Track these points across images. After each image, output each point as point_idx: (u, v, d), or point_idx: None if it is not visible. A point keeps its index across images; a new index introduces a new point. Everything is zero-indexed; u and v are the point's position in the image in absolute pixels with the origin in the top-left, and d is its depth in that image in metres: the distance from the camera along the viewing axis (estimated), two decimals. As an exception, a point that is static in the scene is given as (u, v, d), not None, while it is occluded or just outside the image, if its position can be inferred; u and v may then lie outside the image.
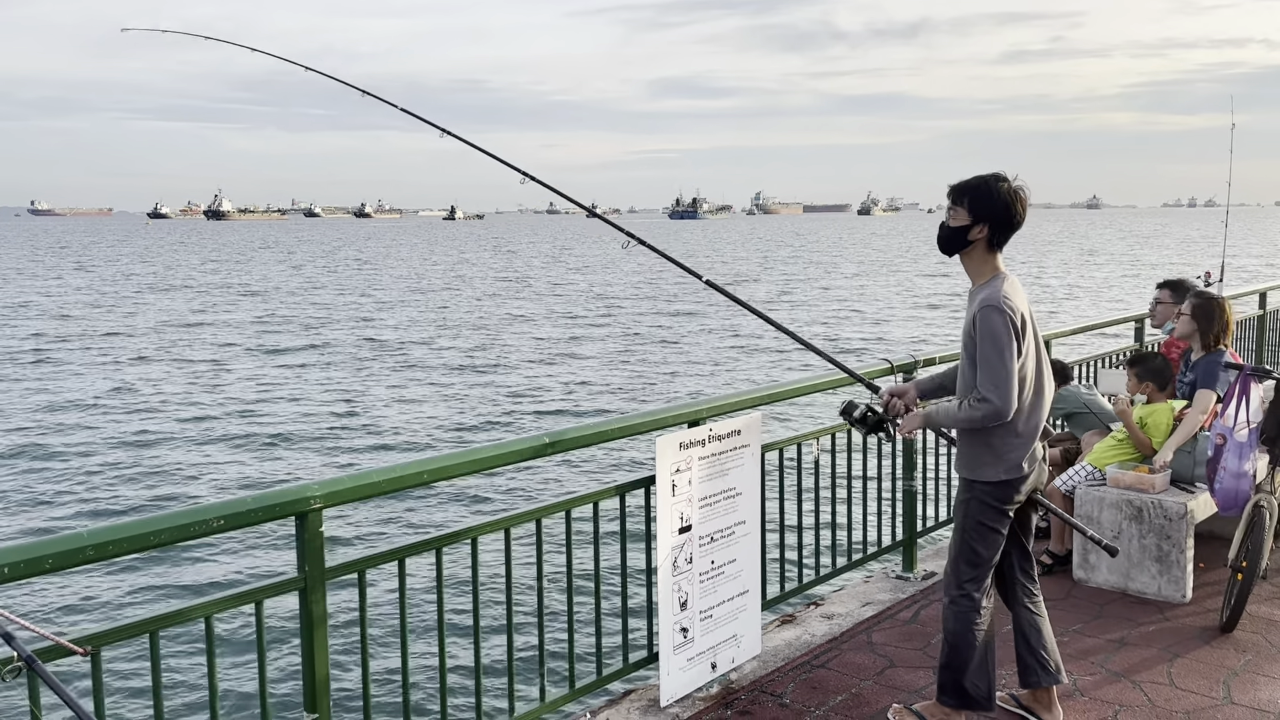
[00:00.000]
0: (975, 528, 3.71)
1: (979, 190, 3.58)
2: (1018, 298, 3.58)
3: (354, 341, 29.15)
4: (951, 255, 3.68)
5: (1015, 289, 3.61)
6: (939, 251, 3.73)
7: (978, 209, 3.57)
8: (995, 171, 3.63)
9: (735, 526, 4.33)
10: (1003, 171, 3.63)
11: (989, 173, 3.63)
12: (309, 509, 3.02)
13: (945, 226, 3.65)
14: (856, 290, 45.82)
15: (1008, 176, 3.60)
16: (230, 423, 18.28)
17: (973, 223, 3.58)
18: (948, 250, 3.68)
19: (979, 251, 3.62)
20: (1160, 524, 5.22)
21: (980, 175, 3.63)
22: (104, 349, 27.72)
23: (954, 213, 3.62)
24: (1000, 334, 3.48)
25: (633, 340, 29.15)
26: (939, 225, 3.68)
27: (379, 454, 15.93)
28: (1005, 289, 3.56)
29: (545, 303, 41.02)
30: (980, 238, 3.59)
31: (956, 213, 3.61)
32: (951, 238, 3.63)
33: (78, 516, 12.82)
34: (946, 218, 3.65)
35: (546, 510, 3.87)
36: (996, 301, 3.51)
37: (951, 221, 3.62)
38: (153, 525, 2.74)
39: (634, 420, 4.25)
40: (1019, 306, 3.55)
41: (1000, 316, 3.49)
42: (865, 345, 27.27)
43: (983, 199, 3.57)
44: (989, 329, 3.49)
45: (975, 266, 3.65)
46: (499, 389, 21.53)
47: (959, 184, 3.64)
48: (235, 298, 44.17)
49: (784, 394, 5.11)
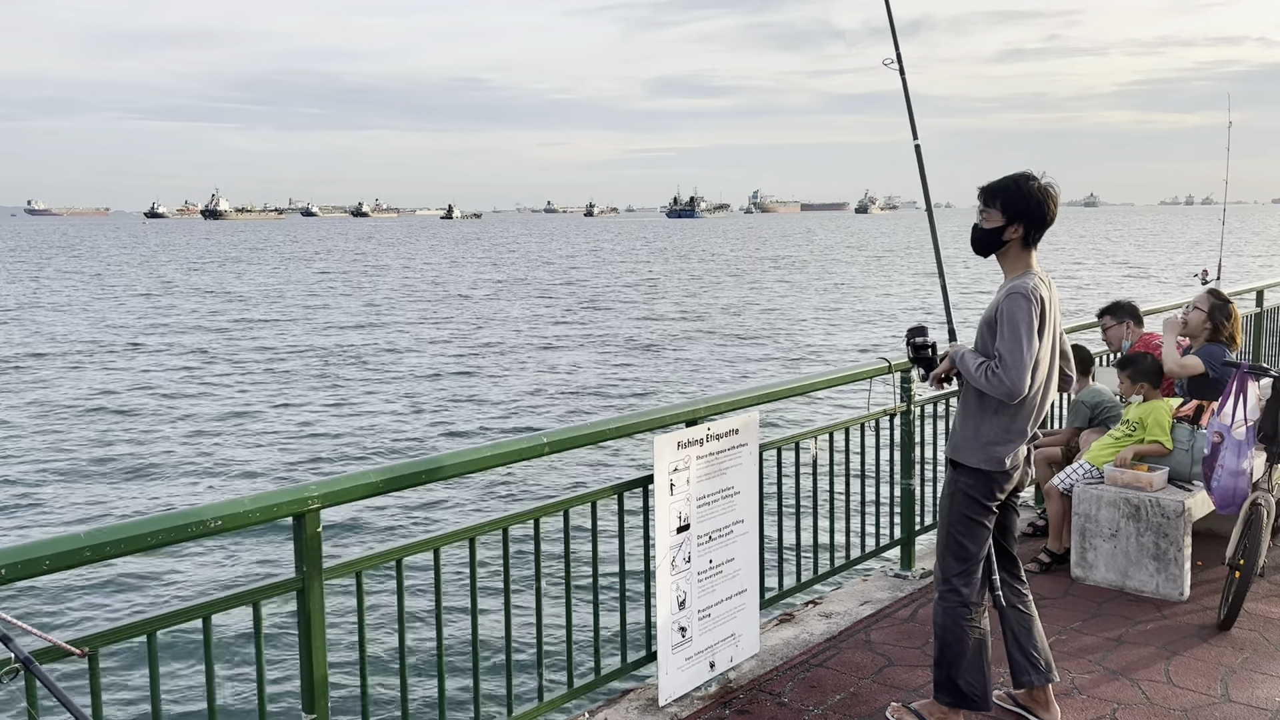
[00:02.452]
0: (960, 520, 3.74)
1: (1011, 191, 3.61)
2: (1041, 293, 3.60)
3: (350, 341, 29.15)
4: (987, 256, 3.71)
5: (1042, 285, 3.63)
6: (974, 254, 3.74)
7: (1011, 209, 3.60)
8: (1023, 170, 3.65)
9: (733, 525, 4.33)
10: (1030, 170, 3.65)
11: (1017, 172, 3.66)
12: (306, 509, 3.02)
13: (979, 229, 3.68)
14: (860, 287, 45.85)
15: (1036, 175, 3.63)
16: (227, 423, 18.27)
17: (1007, 223, 3.61)
18: (983, 252, 3.70)
19: (1014, 251, 3.66)
20: (1158, 522, 5.22)
21: (1009, 175, 3.66)
22: (96, 349, 27.69)
23: (987, 214, 3.64)
24: (1020, 320, 3.51)
25: (630, 340, 29.15)
26: (972, 228, 3.71)
27: (376, 454, 15.92)
28: (1035, 282, 3.60)
29: (541, 302, 41.02)
30: (1015, 237, 3.63)
31: (990, 214, 3.64)
32: (986, 239, 3.66)
33: (74, 517, 12.81)
34: (979, 219, 3.68)
35: (544, 510, 3.88)
36: (1024, 290, 3.56)
37: (985, 223, 3.65)
38: (150, 526, 2.73)
39: (631, 420, 4.25)
40: (1044, 303, 3.57)
41: (1025, 304, 3.52)
42: (867, 340, 27.29)
43: (1015, 199, 3.60)
44: (1011, 313, 3.53)
45: (1010, 265, 3.69)
46: (495, 389, 21.52)
47: (990, 185, 3.66)
48: (230, 299, 44.14)
49: (781, 393, 5.11)
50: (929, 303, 38.33)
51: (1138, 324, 6.46)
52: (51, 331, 31.57)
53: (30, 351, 27.14)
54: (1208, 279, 8.11)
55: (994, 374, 3.54)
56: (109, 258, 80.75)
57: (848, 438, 5.34)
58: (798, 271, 55.76)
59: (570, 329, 31.64)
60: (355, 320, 34.61)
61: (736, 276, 53.52)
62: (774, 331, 30.25)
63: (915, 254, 74.16)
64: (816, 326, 31.39)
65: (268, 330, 31.96)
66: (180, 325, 33.31)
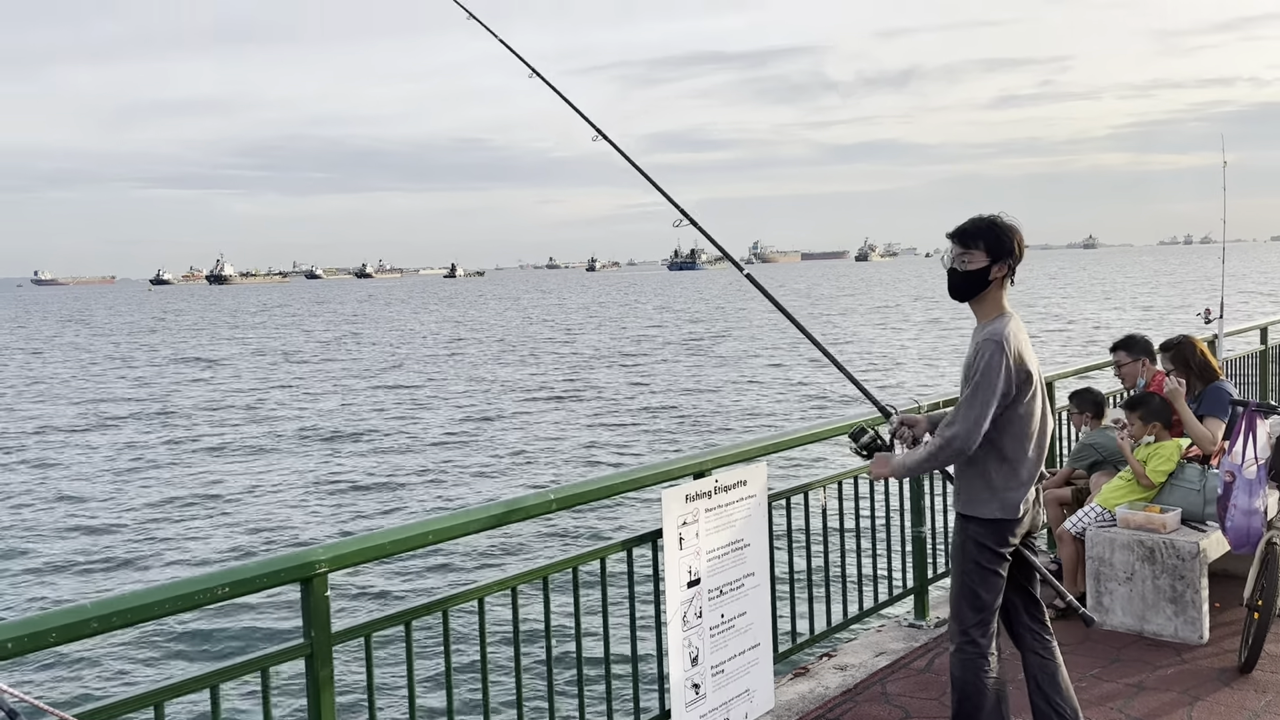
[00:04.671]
0: (973, 570, 3.68)
1: (990, 231, 3.61)
2: (1020, 337, 3.59)
3: (356, 400, 29.15)
4: (969, 300, 3.66)
5: (1019, 328, 3.63)
6: (952, 299, 3.72)
7: (995, 248, 3.59)
8: (990, 213, 3.67)
9: (744, 579, 4.29)
10: (993, 211, 3.68)
11: (985, 215, 3.66)
12: (314, 573, 3.00)
13: (958, 273, 3.62)
14: (869, 334, 45.86)
15: (1000, 214, 3.65)
16: (232, 486, 18.22)
17: (991, 263, 3.60)
18: (968, 295, 3.64)
19: (995, 292, 3.64)
20: (1173, 564, 5.17)
21: (981, 216, 3.65)
22: (99, 417, 27.71)
23: (969, 256, 3.60)
24: (992, 369, 3.50)
25: (636, 390, 29.13)
26: (949, 273, 3.65)
27: (383, 515, 15.84)
28: (1010, 327, 3.58)
29: (545, 358, 41.08)
30: (999, 276, 3.62)
31: (972, 255, 3.60)
32: (970, 281, 3.61)
33: (79, 587, 12.72)
34: (956, 264, 3.62)
35: (553, 568, 3.84)
36: (998, 337, 3.54)
37: (969, 266, 3.60)
38: (157, 595, 2.71)
39: (639, 473, 4.23)
40: (1020, 346, 3.56)
41: (1000, 354, 3.50)
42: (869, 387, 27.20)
43: (998, 238, 3.60)
44: (984, 362, 3.52)
45: (986, 308, 3.66)
46: (501, 444, 21.47)
47: (967, 228, 3.63)
48: (238, 364, 44.27)
49: (788, 443, 5.09)
50: (935, 351, 38.34)
51: (1152, 361, 6.17)
52: (44, 403, 31.61)
53: (30, 418, 27.17)
54: (1210, 318, 8.11)
55: (939, 435, 3.53)
56: (103, 325, 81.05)
57: (856, 486, 5.30)
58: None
59: (570, 385, 31.62)
60: (356, 382, 34.64)
61: (740, 327, 53.62)
62: (778, 381, 30.22)
63: (921, 302, 74.31)
64: (820, 374, 31.36)
65: (272, 393, 31.99)
66: (175, 392, 33.36)
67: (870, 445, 3.87)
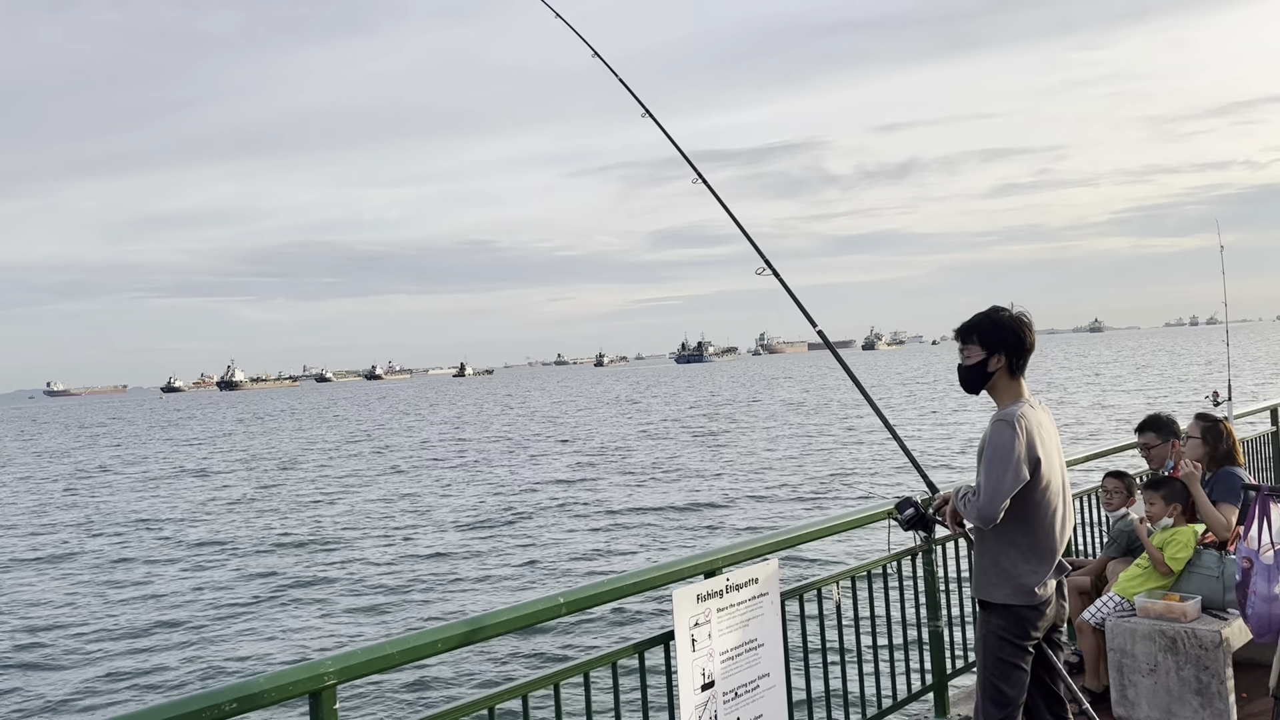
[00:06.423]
0: (995, 664, 3.64)
1: (984, 324, 3.68)
2: (1034, 421, 3.60)
3: (363, 502, 29.02)
4: (978, 392, 3.74)
5: (1036, 412, 3.65)
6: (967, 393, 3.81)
7: (988, 341, 3.67)
8: (993, 304, 3.73)
9: (759, 680, 4.22)
10: (999, 303, 3.75)
11: (987, 307, 3.73)
12: (323, 686, 2.96)
13: (962, 368, 3.73)
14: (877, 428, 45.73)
15: (1006, 306, 3.71)
16: (237, 594, 18.03)
17: (988, 355, 3.66)
18: (973, 388, 3.74)
19: (1002, 381, 3.69)
20: (1196, 654, 5.06)
21: (980, 311, 3.73)
22: (96, 525, 27.60)
23: (967, 351, 3.71)
24: (1004, 445, 3.53)
25: (644, 486, 28.96)
26: (957, 368, 3.77)
27: (390, 622, 15.62)
28: (1024, 410, 3.62)
29: (555, 455, 40.96)
30: (999, 368, 3.67)
31: (970, 350, 3.70)
32: (972, 375, 3.71)
33: (82, 707, 12.49)
34: (961, 359, 3.73)
35: (564, 674, 3.78)
36: (1009, 416, 3.59)
37: (968, 360, 3.70)
38: (163, 714, 2.67)
39: (649, 574, 4.19)
40: (1032, 430, 3.57)
41: (1010, 431, 3.53)
42: (898, 475, 27.04)
43: (990, 331, 3.67)
44: (995, 439, 3.56)
45: (1001, 396, 3.72)
46: (511, 546, 21.28)
47: (964, 324, 3.74)
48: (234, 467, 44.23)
49: (798, 539, 5.04)
50: (944, 442, 38.15)
51: (1180, 440, 6.04)
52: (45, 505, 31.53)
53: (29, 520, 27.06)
54: (1219, 400, 8.09)
55: (968, 501, 3.60)
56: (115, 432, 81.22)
57: (870, 581, 5.24)
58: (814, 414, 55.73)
59: (579, 485, 31.46)
60: (363, 486, 34.54)
61: (750, 421, 53.54)
62: (790, 473, 30.04)
63: (928, 387, 74.21)
64: (830, 465, 31.18)
65: (272, 500, 31.88)
66: (190, 499, 33.28)
67: (912, 520, 3.95)
